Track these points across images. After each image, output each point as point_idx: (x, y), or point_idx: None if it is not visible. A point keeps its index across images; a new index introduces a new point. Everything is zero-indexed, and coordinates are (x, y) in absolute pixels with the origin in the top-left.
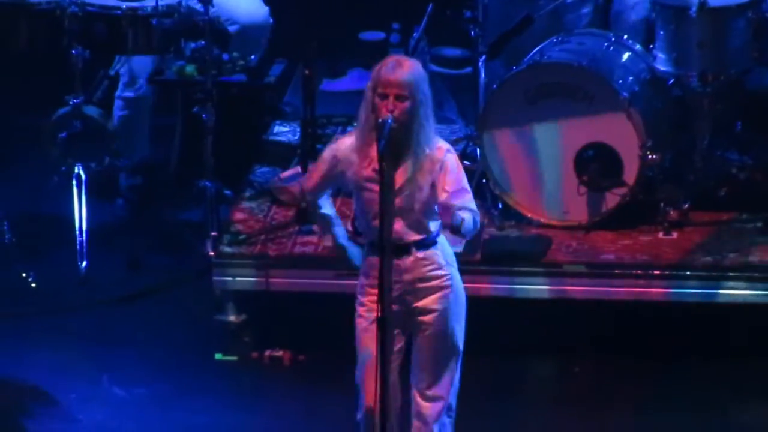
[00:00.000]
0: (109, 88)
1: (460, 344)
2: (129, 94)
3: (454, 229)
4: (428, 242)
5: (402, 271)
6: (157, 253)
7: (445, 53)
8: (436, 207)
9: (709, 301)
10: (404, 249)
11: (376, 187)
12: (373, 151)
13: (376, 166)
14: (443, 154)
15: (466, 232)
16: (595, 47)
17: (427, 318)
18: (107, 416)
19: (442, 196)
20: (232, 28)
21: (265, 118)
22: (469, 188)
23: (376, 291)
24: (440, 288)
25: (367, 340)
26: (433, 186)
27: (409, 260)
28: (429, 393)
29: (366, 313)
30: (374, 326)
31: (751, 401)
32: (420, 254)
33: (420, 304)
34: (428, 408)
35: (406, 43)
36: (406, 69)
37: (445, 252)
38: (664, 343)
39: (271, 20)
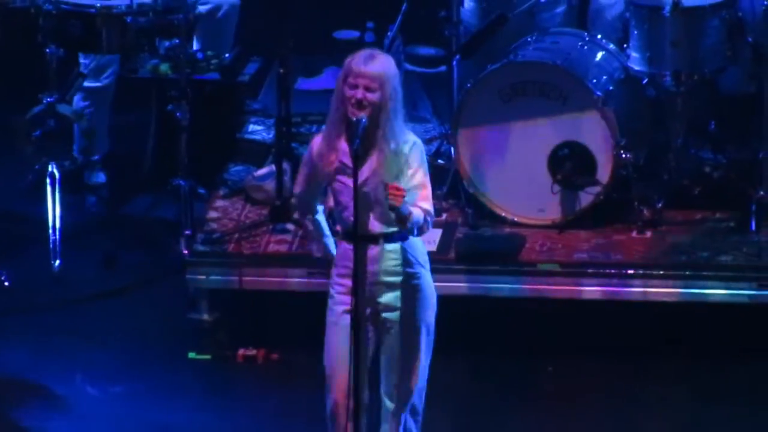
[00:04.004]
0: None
1: (426, 347)
2: (92, 84)
3: (400, 217)
4: (397, 236)
5: (368, 261)
6: (131, 252)
7: (419, 52)
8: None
9: (682, 300)
10: (372, 239)
11: (344, 179)
12: (342, 143)
13: (343, 158)
14: (408, 148)
15: (413, 225)
16: (570, 46)
17: (392, 316)
18: (81, 414)
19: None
20: (203, 8)
21: (239, 117)
22: (428, 185)
23: (344, 282)
24: (405, 286)
25: (335, 333)
26: (398, 178)
27: (375, 250)
28: (394, 394)
29: (335, 306)
30: (343, 318)
31: (722, 401)
32: (387, 246)
33: (384, 299)
34: (392, 410)
35: (380, 42)
36: (377, 62)
37: (415, 250)
38: (637, 342)
39: (239, 1)
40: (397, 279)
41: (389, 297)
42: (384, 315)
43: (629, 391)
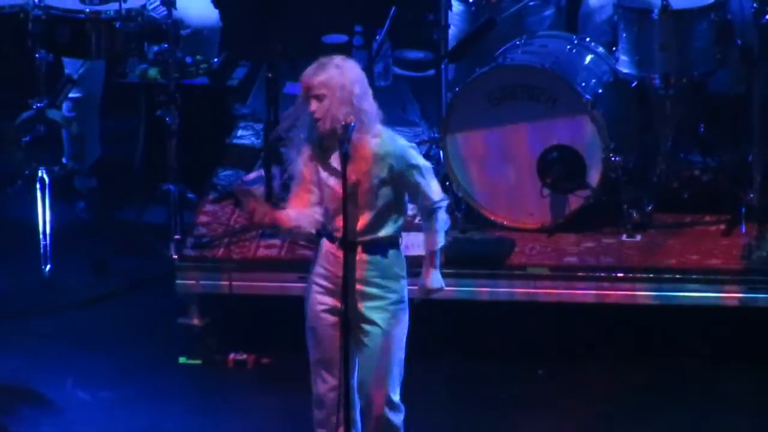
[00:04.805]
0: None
1: (399, 361)
2: (76, 94)
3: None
4: (377, 247)
5: (348, 267)
6: (121, 256)
7: (408, 56)
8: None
9: (671, 303)
10: (351, 246)
11: (331, 182)
12: (329, 149)
13: (333, 162)
14: (385, 151)
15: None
16: (558, 49)
17: (366, 327)
18: (71, 420)
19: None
20: (183, 32)
21: (228, 121)
22: (425, 176)
23: (322, 282)
24: (381, 298)
25: (316, 331)
26: (383, 182)
27: (354, 258)
28: (367, 407)
29: (314, 306)
30: (322, 317)
31: (714, 404)
32: (366, 256)
33: (360, 309)
34: (367, 422)
35: (368, 46)
36: (324, 69)
37: (395, 264)
38: (626, 345)
39: (221, 23)
40: (374, 290)
41: (365, 308)
42: (359, 324)
43: (620, 394)
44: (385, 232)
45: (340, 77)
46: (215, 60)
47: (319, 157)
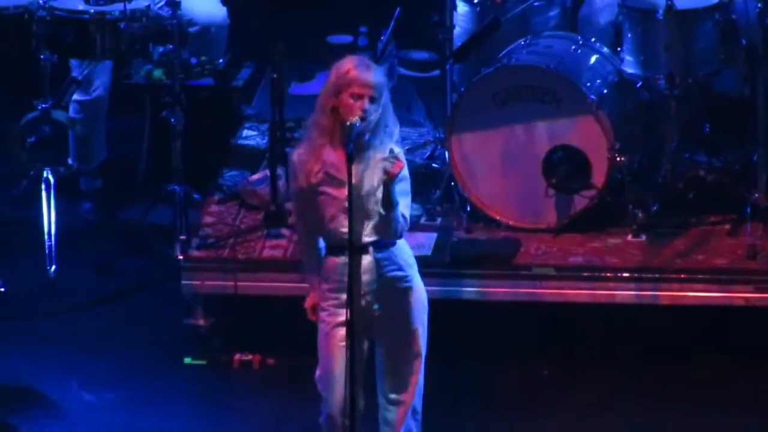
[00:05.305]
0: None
1: (423, 346)
2: (83, 97)
3: (389, 196)
4: (386, 243)
5: (361, 271)
6: (126, 257)
7: (412, 56)
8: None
9: (677, 304)
10: (361, 249)
11: (330, 190)
12: (327, 153)
13: (329, 169)
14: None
15: (395, 218)
16: (563, 50)
17: (389, 321)
18: (76, 421)
19: None
20: (192, 30)
21: (233, 122)
22: (410, 194)
23: (336, 295)
24: (400, 290)
25: (330, 346)
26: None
27: (366, 260)
28: (393, 397)
29: (328, 318)
30: (336, 331)
31: (720, 405)
32: (378, 255)
33: (380, 306)
34: (393, 412)
35: (373, 47)
36: (376, 71)
37: (404, 253)
38: (632, 345)
39: (229, 20)
40: (391, 285)
41: (385, 303)
42: (381, 321)
43: (625, 394)
44: (394, 226)
45: (386, 81)
46: (220, 61)
47: (320, 165)
